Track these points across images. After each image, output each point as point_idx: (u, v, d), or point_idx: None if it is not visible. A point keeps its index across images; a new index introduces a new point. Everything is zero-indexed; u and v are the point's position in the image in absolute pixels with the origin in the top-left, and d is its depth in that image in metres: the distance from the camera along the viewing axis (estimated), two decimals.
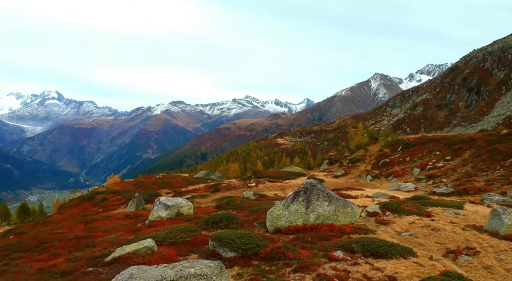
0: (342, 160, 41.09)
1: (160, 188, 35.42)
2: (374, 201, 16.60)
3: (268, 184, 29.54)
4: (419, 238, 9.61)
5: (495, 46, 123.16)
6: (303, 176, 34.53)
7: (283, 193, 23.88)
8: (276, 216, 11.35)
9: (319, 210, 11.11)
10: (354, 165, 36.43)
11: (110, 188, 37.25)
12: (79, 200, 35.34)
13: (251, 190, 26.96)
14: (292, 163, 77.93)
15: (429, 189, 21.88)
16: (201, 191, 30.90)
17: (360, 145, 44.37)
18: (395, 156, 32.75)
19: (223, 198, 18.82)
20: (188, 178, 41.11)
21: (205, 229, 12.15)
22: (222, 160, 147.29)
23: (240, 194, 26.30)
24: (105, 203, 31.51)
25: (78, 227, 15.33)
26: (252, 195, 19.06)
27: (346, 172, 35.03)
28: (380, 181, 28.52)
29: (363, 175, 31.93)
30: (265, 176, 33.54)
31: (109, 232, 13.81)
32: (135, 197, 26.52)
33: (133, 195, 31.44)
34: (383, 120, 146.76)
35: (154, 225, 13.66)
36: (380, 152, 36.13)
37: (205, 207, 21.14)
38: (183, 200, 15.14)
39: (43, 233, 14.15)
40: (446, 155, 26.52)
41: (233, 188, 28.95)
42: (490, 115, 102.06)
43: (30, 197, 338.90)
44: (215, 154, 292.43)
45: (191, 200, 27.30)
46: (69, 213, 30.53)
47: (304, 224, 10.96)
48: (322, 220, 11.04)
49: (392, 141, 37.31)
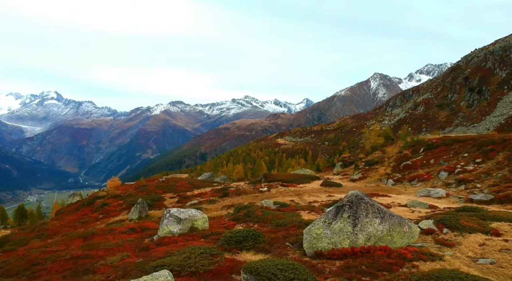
0: (357, 162, 39.05)
1: (163, 192, 33.42)
2: (413, 212, 14.58)
3: (281, 188, 27.56)
4: (506, 269, 7.62)
5: (497, 45, 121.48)
6: (317, 179, 32.55)
7: (300, 200, 21.87)
8: (315, 236, 9.34)
9: (370, 229, 9.10)
10: (372, 168, 34.42)
11: (111, 192, 35.14)
12: (78, 205, 33.20)
13: (263, 195, 24.93)
14: (299, 164, 75.84)
15: (462, 195, 19.86)
16: (208, 196, 28.94)
17: (376, 146, 42.19)
18: (417, 158, 30.60)
19: (240, 208, 16.73)
20: (193, 181, 39.05)
21: (227, 250, 10.14)
22: (222, 161, 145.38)
23: (252, 200, 24.28)
24: (106, 209, 29.57)
25: (75, 243, 13.28)
26: (273, 204, 17.01)
27: (364, 176, 33.04)
28: (404, 185, 26.50)
29: (383, 179, 29.93)
30: (277, 179, 31.49)
31: (112, 250, 11.79)
32: (138, 203, 24.65)
33: (135, 200, 29.60)
34: (384, 120, 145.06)
35: (165, 243, 11.63)
36: (400, 154, 34.04)
37: (217, 215, 19.12)
38: (197, 212, 13.11)
39: (34, 251, 12.09)
40: (475, 158, 24.48)
41: (243, 193, 26.89)
42: (492, 115, 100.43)
43: (29, 197, 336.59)
44: (214, 154, 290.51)
45: (198, 206, 25.31)
46: (67, 219, 28.51)
47: (351, 246, 8.94)
48: (374, 241, 9.03)
49: (412, 142, 35.13)
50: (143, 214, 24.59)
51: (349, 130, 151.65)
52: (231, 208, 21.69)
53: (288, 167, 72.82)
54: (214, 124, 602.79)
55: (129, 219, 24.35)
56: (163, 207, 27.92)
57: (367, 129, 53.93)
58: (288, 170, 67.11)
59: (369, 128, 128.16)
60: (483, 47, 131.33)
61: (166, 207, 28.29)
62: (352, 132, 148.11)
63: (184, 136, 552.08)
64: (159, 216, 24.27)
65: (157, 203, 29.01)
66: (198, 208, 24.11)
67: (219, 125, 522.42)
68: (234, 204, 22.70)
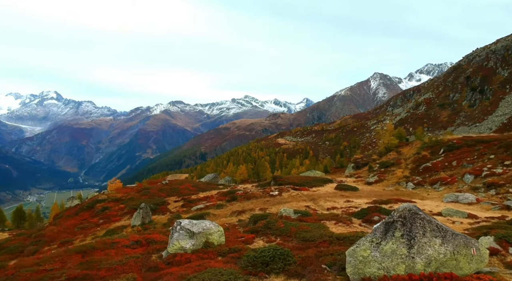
0: (371, 164, 37.20)
1: (167, 196, 31.81)
2: (453, 222, 12.97)
3: (293, 192, 25.90)
4: None
5: (499, 44, 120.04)
6: (330, 182, 30.90)
7: (316, 205, 20.27)
8: (361, 259, 7.73)
9: (429, 251, 7.49)
10: (388, 170, 32.63)
11: (111, 195, 33.38)
12: (77, 209, 31.53)
13: (275, 200, 23.29)
14: (302, 165, 74.13)
15: (495, 201, 18.25)
16: (215, 200, 27.38)
17: (390, 146, 40.42)
18: (437, 160, 28.90)
19: (256, 217, 15.05)
20: (198, 184, 37.36)
21: (253, 273, 8.54)
22: (223, 161, 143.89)
23: (263, 205, 22.61)
24: (106, 213, 27.99)
25: (73, 260, 11.67)
26: (293, 213, 15.28)
27: (380, 178, 31.21)
28: (425, 189, 24.68)
29: (401, 182, 28.18)
30: (287, 182, 29.79)
31: (115, 270, 10.19)
32: (140, 208, 23.14)
33: (137, 204, 28.13)
34: (385, 120, 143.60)
35: (177, 262, 10.02)
36: (418, 155, 32.28)
37: (227, 222, 17.47)
38: (212, 224, 11.48)
39: (25, 271, 10.48)
40: (504, 159, 22.79)
41: (253, 197, 25.23)
42: (495, 115, 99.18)
43: (29, 197, 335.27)
44: (214, 154, 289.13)
45: (205, 211, 23.71)
46: (66, 224, 26.93)
47: (408, 273, 7.33)
48: (435, 267, 7.42)
49: (430, 143, 33.41)
50: (146, 220, 23.15)
51: (350, 130, 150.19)
52: (242, 214, 20.20)
53: (292, 167, 71.03)
54: (214, 124, 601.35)
55: (131, 225, 22.84)
56: (167, 212, 26.45)
57: (380, 129, 51.64)
58: (292, 171, 65.38)
59: (382, 127, 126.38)
60: (485, 46, 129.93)
61: (170, 211, 26.78)
62: (353, 132, 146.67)
63: (184, 136, 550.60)
64: (163, 222, 22.51)
65: (161, 207, 27.48)
66: (205, 214, 22.34)
67: (219, 125, 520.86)
68: (245, 210, 21.23)
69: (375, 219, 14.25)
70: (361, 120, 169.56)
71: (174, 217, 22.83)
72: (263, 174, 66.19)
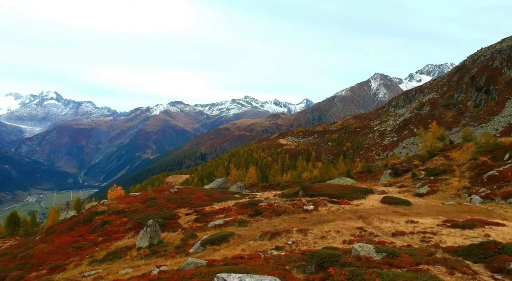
0: (415, 171, 32.96)
1: (177, 207, 29.32)
2: None
3: (331, 206, 22.69)
4: None
5: (504, 44, 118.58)
6: (371, 193, 27.44)
7: (371, 227, 16.26)
8: None
9: None
10: (439, 179, 28.71)
11: (112, 206, 30.62)
12: (72, 222, 28.90)
13: (312, 217, 19.94)
14: (315, 167, 71.20)
15: None
16: (234, 214, 24.37)
17: (434, 150, 36.73)
18: (504, 167, 25.09)
19: (321, 258, 10.01)
20: (212, 193, 34.14)
21: None
22: (224, 161, 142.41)
23: (300, 224, 17.94)
24: (106, 229, 25.81)
25: None
26: (374, 251, 10.58)
27: (433, 189, 27.12)
28: (498, 205, 20.77)
29: (462, 194, 24.46)
30: (320, 193, 26.55)
31: None
32: (148, 226, 20.67)
33: (143, 217, 25.80)
34: (388, 120, 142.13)
35: None
36: (475, 161, 28.56)
37: (260, 250, 13.82)
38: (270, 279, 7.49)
39: None
40: None
41: (283, 212, 21.98)
42: (501, 115, 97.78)
43: (28, 198, 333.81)
44: (214, 154, 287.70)
45: (227, 230, 20.01)
46: (58, 242, 24.76)
47: None
48: None
49: (488, 146, 29.41)
50: (155, 240, 20.57)
51: (353, 131, 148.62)
52: (277, 237, 15.72)
53: (302, 170, 67.73)
54: (214, 124, 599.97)
55: (137, 246, 20.42)
56: (178, 228, 23.85)
57: (422, 130, 48.15)
58: (303, 174, 62.78)
59: (386, 128, 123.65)
60: (489, 46, 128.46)
61: (182, 227, 24.00)
62: (356, 132, 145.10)
63: (183, 136, 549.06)
64: (175, 244, 19.84)
65: (171, 222, 25.06)
66: (229, 234, 18.11)
67: (219, 125, 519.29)
68: (278, 231, 16.65)
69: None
70: (363, 120, 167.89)
71: (188, 236, 20.29)
72: (273, 178, 63.65)
